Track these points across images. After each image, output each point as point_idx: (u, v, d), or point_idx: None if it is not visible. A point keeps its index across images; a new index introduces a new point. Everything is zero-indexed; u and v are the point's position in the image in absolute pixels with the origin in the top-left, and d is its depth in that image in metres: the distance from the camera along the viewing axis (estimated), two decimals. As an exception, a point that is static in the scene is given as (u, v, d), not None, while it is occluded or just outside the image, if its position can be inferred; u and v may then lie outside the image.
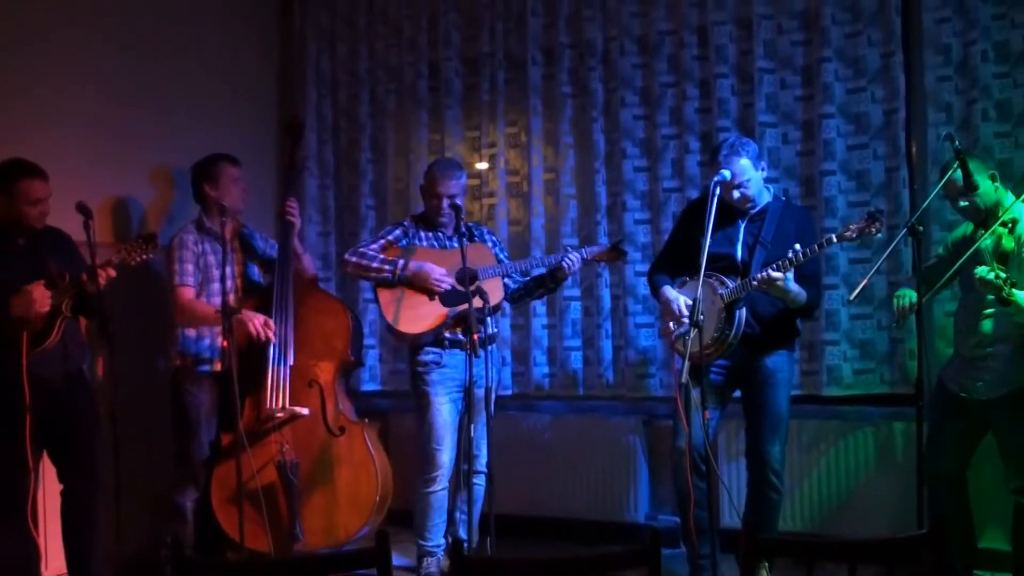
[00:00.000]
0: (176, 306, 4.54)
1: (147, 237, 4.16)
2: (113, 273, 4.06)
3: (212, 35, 5.51)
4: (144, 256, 4.15)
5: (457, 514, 4.59)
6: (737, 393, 4.32)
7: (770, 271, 3.92)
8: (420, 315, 4.50)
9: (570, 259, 4.49)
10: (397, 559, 4.62)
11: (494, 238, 4.83)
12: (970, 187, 3.86)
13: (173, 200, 5.19)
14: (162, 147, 5.12)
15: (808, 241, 4.00)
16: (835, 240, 3.93)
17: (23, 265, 4.09)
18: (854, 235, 3.91)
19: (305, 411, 4.59)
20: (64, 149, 4.54)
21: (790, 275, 3.93)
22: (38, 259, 4.11)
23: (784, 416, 4.21)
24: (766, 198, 4.24)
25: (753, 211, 4.21)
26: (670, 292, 4.24)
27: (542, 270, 4.64)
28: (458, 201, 4.52)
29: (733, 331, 4.07)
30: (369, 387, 5.67)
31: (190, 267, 4.56)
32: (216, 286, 4.57)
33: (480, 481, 4.53)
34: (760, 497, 4.22)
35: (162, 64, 5.20)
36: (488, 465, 4.24)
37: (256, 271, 4.81)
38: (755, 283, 3.96)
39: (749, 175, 4.12)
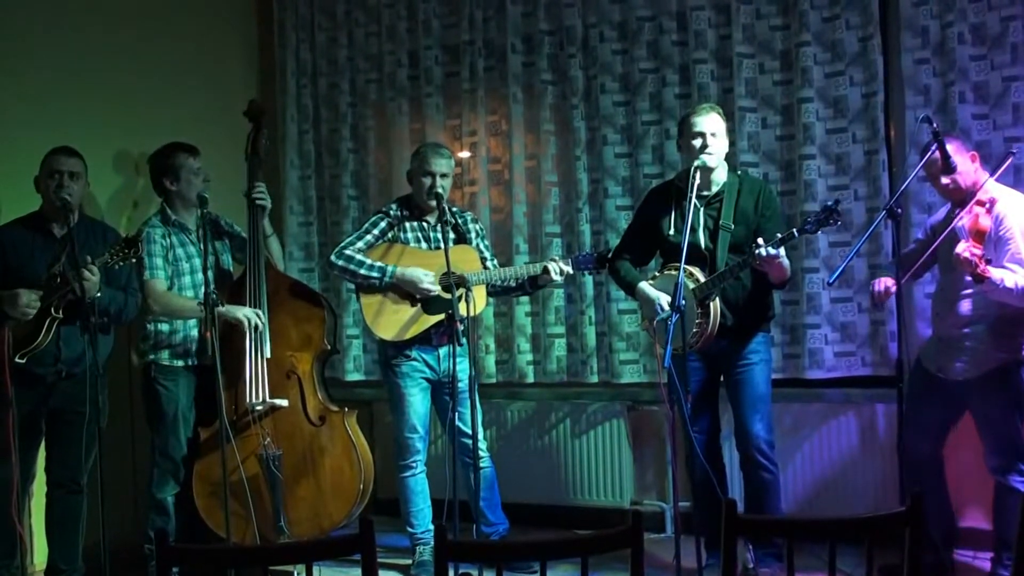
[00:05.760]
0: (151, 297, 4.47)
1: (130, 241, 4.18)
2: (95, 272, 4.06)
3: (191, 23, 5.48)
4: (125, 261, 4.16)
5: (481, 503, 4.58)
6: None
7: (770, 249, 3.87)
8: (401, 321, 4.54)
9: (556, 272, 4.47)
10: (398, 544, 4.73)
11: (478, 227, 4.83)
12: (948, 169, 3.89)
13: (139, 187, 5.14)
14: (139, 135, 5.08)
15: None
16: (795, 234, 3.92)
17: (48, 259, 4.14)
18: (813, 228, 3.91)
19: (284, 403, 4.60)
20: (32, 134, 4.51)
21: (782, 250, 3.93)
22: (61, 255, 4.12)
23: (764, 395, 4.22)
24: (722, 178, 4.24)
25: (710, 194, 4.20)
26: (649, 290, 4.21)
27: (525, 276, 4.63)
28: (445, 184, 4.56)
29: (710, 324, 4.08)
30: (353, 377, 5.66)
31: (159, 261, 4.51)
32: (187, 279, 4.55)
33: (487, 463, 4.64)
34: (753, 478, 4.22)
35: (140, 52, 5.17)
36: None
37: (226, 258, 4.79)
38: (757, 262, 3.91)
39: (720, 132, 4.14)
